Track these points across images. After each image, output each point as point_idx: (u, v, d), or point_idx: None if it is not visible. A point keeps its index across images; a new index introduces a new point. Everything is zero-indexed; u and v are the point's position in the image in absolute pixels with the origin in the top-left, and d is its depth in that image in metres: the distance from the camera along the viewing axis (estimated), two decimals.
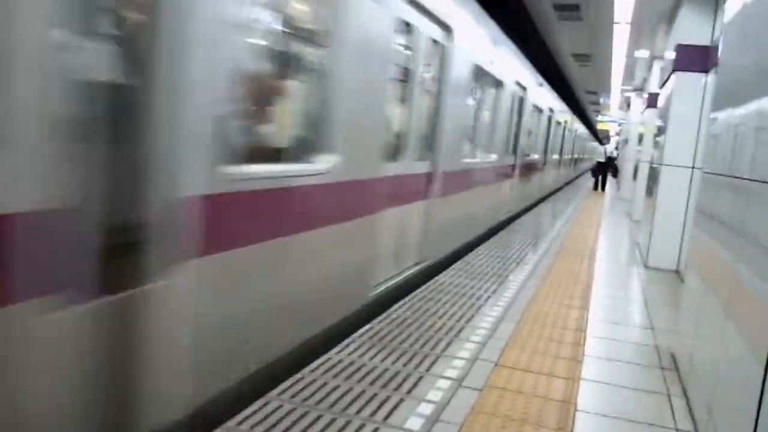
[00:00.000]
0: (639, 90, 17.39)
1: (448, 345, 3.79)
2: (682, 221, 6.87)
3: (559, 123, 16.65)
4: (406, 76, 4.86)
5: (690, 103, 6.79)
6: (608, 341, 4.21)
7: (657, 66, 11.78)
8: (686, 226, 6.80)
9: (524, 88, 10.20)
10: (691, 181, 6.82)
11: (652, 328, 4.60)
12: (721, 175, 3.22)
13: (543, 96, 12.57)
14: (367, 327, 4.00)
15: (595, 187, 20.56)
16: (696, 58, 6.70)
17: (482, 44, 7.00)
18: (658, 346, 4.18)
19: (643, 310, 5.15)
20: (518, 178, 10.77)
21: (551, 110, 14.31)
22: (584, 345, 4.03)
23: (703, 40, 6.69)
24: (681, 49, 6.83)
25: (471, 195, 7.23)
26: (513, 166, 10.21)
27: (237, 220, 2.75)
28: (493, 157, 8.42)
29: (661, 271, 6.94)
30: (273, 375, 3.10)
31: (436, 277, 5.56)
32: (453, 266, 6.12)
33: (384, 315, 4.28)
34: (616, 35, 10.67)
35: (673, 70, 6.95)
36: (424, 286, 5.21)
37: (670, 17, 8.18)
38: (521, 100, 10.17)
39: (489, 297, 5.00)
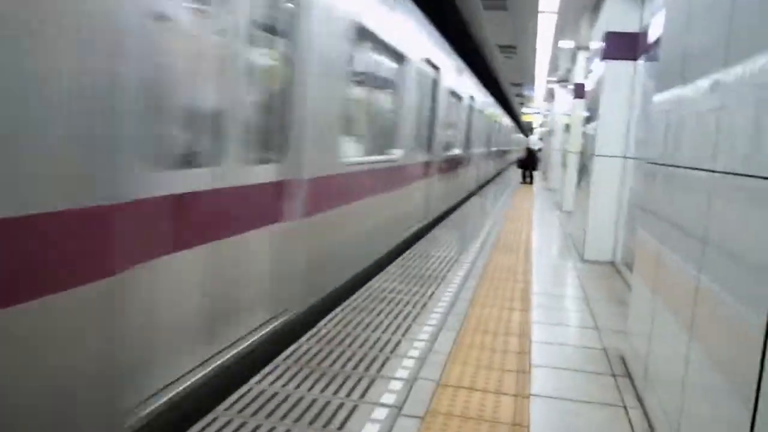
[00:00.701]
0: (563, 81, 17.62)
1: (383, 364, 3.39)
2: (615, 212, 6.77)
3: (483, 113, 15.77)
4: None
5: (620, 91, 6.68)
6: (554, 347, 3.94)
7: (582, 56, 11.83)
8: (620, 216, 6.70)
9: (437, 68, 8.47)
10: (623, 171, 6.72)
11: (597, 329, 4.37)
12: (665, 165, 2.96)
13: (463, 81, 11.26)
14: (293, 347, 3.55)
15: (523, 180, 20.11)
16: (625, 46, 6.58)
17: None
18: (606, 348, 3.93)
19: (586, 308, 4.94)
20: (437, 177, 9.30)
21: (472, 98, 12.96)
22: (530, 353, 3.73)
23: (632, 28, 6.58)
24: (610, 36, 6.70)
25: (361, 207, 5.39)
26: (428, 164, 8.46)
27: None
28: (398, 153, 6.60)
29: (598, 263, 6.82)
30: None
31: (369, 283, 5.17)
32: (387, 269, 5.75)
33: (313, 331, 3.85)
34: (541, 25, 10.58)
35: (603, 58, 6.82)
36: (356, 294, 4.80)
37: (596, 6, 8.10)
38: (434, 83, 8.40)
39: (426, 303, 4.65)
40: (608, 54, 6.72)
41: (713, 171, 2.19)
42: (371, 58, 5.66)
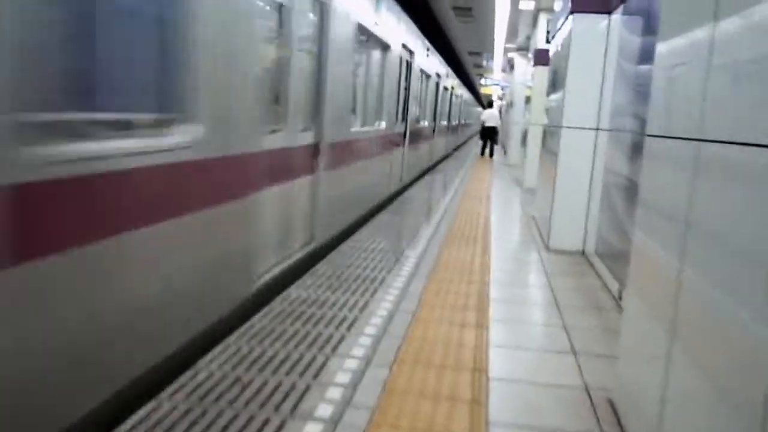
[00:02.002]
0: (523, 50, 16.64)
1: (279, 429, 2.34)
2: (586, 194, 5.81)
3: (446, 89, 16.18)
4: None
5: (591, 51, 5.67)
6: (518, 387, 2.93)
7: (543, 19, 10.83)
8: (591, 199, 5.75)
9: (411, 53, 9.85)
10: (595, 146, 5.75)
11: (574, 352, 3.38)
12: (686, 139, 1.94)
13: (430, 61, 12.25)
14: (148, 412, 2.44)
15: (482, 153, 19.31)
16: None
17: (365, 4, 6.36)
18: (589, 387, 2.95)
19: (557, 319, 3.95)
20: (409, 147, 10.51)
21: (438, 75, 13.93)
22: (487, 399, 2.72)
23: None
24: None
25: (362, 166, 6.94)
26: (403, 135, 9.94)
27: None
28: (383, 125, 8.07)
29: (566, 253, 5.87)
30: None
31: (287, 291, 4.08)
32: (315, 269, 4.67)
33: (189, 374, 2.75)
34: None
35: (571, 12, 5.79)
36: (266, 308, 3.71)
37: None
38: (408, 65, 9.79)
39: (354, 320, 3.59)
40: (577, 6, 5.69)
41: None
42: (366, 50, 7.28)
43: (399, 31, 8.47)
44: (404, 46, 8.96)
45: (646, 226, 2.51)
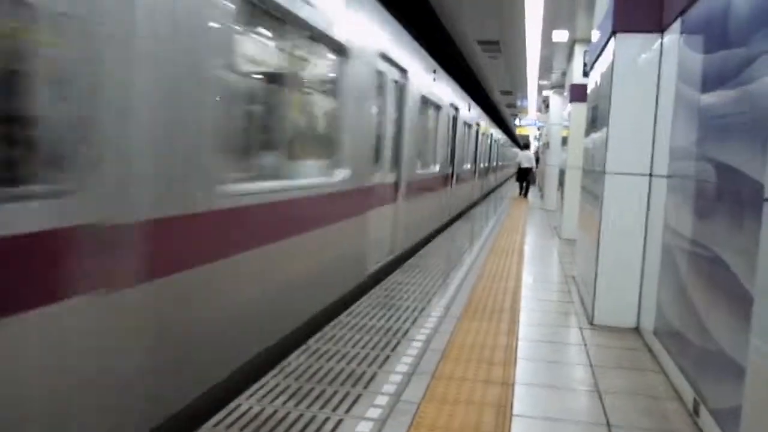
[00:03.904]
0: (558, 87, 15.58)
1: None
2: (639, 254, 4.62)
3: (483, 134, 18.10)
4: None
5: (641, 78, 4.57)
6: None
7: (579, 51, 9.76)
8: (648, 261, 4.54)
9: (456, 109, 11.92)
10: (649, 196, 4.58)
11: None
12: None
13: (471, 113, 14.41)
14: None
15: (520, 194, 20.18)
16: (646, 10, 4.49)
17: (427, 81, 8.69)
18: None
19: None
20: (455, 186, 12.41)
21: (477, 124, 16.11)
22: None
23: None
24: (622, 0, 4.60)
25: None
26: (450, 175, 11.72)
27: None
28: (437, 168, 10.11)
29: (616, 331, 4.64)
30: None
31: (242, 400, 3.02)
32: (288, 361, 3.59)
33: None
34: (528, 8, 8.50)
35: (612, 33, 4.71)
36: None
37: None
38: (454, 119, 11.75)
39: None
40: (621, 24, 4.61)
41: None
42: (426, 111, 9.10)
43: (447, 93, 10.61)
44: (451, 104, 11.17)
45: None
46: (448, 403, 3.12)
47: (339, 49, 4.78)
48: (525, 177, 20.18)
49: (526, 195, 20.14)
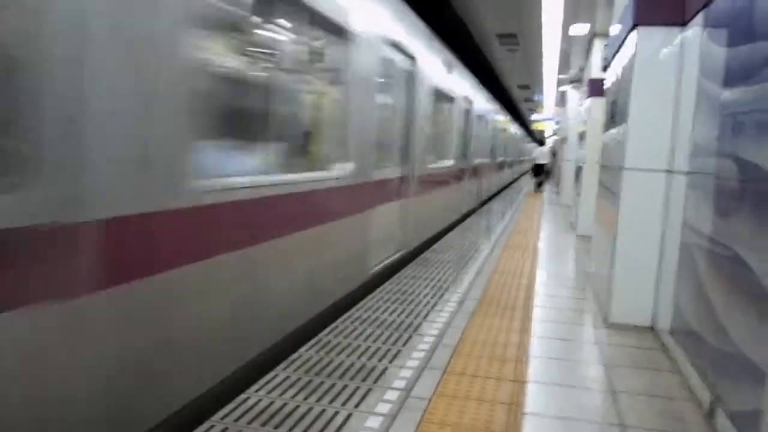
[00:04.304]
0: (576, 82, 15.38)
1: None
2: (657, 252, 4.54)
3: (499, 128, 18.02)
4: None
5: (661, 73, 4.47)
6: None
7: (598, 45, 9.61)
8: (664, 259, 4.47)
9: (471, 102, 11.63)
10: (667, 192, 4.49)
11: None
12: None
13: (486, 106, 14.13)
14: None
15: (536, 189, 20.31)
16: (669, 3, 4.38)
17: (439, 69, 8.51)
18: None
19: None
20: (469, 181, 12.17)
21: (494, 118, 15.91)
22: None
23: None
24: None
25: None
26: (463, 169, 11.41)
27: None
28: (450, 162, 9.92)
29: (631, 330, 4.57)
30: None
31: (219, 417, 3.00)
32: (268, 377, 3.57)
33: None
34: (546, 4, 8.38)
35: (633, 26, 4.61)
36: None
37: None
38: (468, 113, 11.53)
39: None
40: (642, 17, 4.52)
41: None
42: (438, 103, 8.83)
43: (461, 85, 10.27)
44: (465, 97, 10.84)
45: None
46: (459, 399, 3.08)
47: (337, 30, 4.49)
48: (540, 172, 20.61)
49: (541, 189, 20.51)
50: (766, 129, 2.57)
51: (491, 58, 15.02)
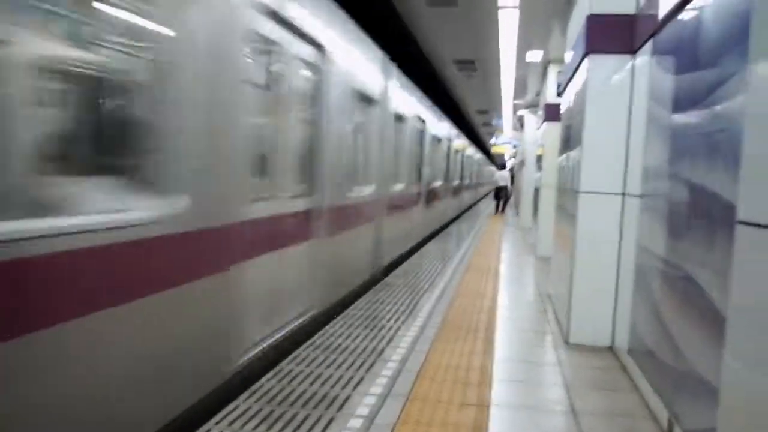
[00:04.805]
0: (533, 107, 15.78)
1: None
2: (613, 273, 4.64)
3: (456, 151, 17.55)
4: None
5: (613, 99, 4.62)
6: None
7: (553, 71, 9.89)
8: (621, 280, 4.56)
9: (423, 121, 10.83)
10: (622, 215, 4.61)
11: None
12: None
13: (441, 126, 13.35)
14: None
15: (496, 211, 21.38)
16: (618, 33, 4.55)
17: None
18: None
19: None
20: (425, 206, 11.66)
21: (449, 139, 15.04)
22: None
23: (626, 8, 4.56)
24: (595, 21, 4.67)
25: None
26: (419, 194, 10.88)
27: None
28: (400, 187, 9.04)
29: (590, 350, 4.63)
30: None
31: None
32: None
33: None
34: (503, 28, 8.60)
35: (585, 55, 4.77)
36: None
37: None
38: (421, 133, 10.79)
39: None
40: (593, 46, 4.67)
41: None
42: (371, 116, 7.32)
43: (408, 99, 9.19)
44: (418, 117, 10.05)
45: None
46: (423, 425, 3.06)
47: None
48: (501, 195, 21.69)
49: (503, 211, 21.67)
50: (712, 152, 2.67)
51: (450, 84, 15.27)
